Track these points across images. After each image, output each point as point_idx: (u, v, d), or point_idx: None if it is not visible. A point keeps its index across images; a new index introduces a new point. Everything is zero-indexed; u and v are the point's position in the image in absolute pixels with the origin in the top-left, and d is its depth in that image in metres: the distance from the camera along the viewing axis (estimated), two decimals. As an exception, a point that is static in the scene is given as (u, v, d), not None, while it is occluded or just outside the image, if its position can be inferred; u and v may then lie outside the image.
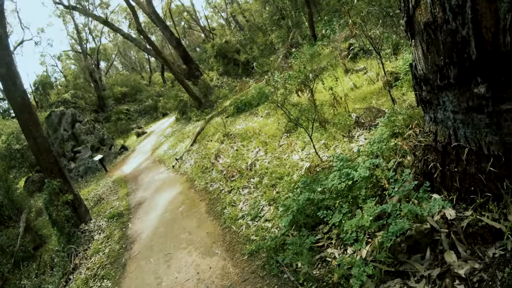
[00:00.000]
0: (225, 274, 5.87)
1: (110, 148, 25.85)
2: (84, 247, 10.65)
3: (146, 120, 39.74)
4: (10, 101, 12.59)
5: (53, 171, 11.90)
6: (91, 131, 25.22)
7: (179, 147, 17.15)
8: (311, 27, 19.86)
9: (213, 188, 9.77)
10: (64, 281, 9.44)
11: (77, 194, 12.54)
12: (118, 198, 14.13)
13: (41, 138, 12.03)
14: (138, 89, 48.13)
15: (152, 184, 13.76)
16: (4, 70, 11.79)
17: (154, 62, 67.88)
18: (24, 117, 12.01)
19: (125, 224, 10.89)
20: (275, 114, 12.23)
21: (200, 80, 25.43)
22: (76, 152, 23.56)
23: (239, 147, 11.44)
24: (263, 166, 9.02)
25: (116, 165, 22.54)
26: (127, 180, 16.74)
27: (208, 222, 8.02)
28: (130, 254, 8.64)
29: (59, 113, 24.64)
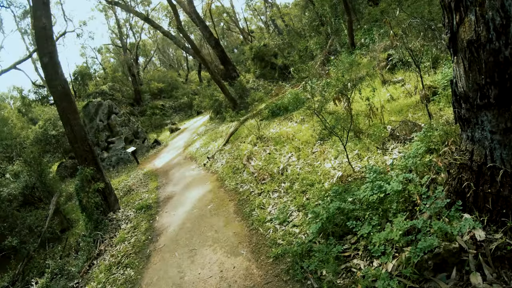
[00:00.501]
0: (249, 275, 5.96)
1: (143, 141, 26.35)
2: (110, 234, 10.95)
3: (180, 117, 40.23)
4: (50, 89, 13.01)
5: (87, 159, 12.26)
6: (126, 124, 25.76)
7: (212, 146, 17.36)
8: (350, 35, 19.73)
9: (243, 189, 9.86)
10: (87, 265, 9.78)
11: (108, 183, 12.88)
12: (147, 190, 14.43)
13: (78, 126, 12.42)
14: (174, 86, 48.90)
15: (182, 180, 14.00)
16: (47, 59, 12.32)
17: (192, 61, 68.50)
18: (63, 105, 12.43)
19: (152, 216, 11.14)
20: (310, 121, 12.25)
21: (237, 82, 25.55)
22: (110, 142, 24.11)
23: (272, 150, 11.49)
24: (295, 172, 9.06)
25: (148, 158, 22.99)
26: (158, 174, 17.07)
27: (235, 222, 8.11)
28: (155, 246, 8.84)
29: (97, 103, 25.29)
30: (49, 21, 12.63)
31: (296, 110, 14.71)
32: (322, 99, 9.65)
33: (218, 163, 13.80)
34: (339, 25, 22.78)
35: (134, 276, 7.87)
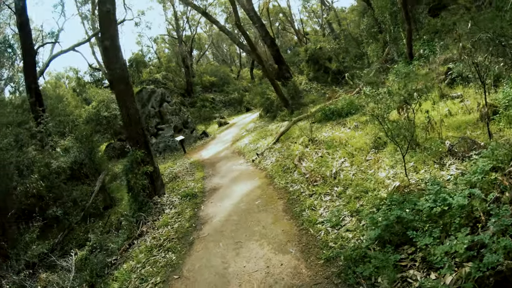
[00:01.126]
0: (297, 273, 5.81)
1: (192, 131, 26.70)
2: (154, 217, 11.06)
3: (229, 112, 40.52)
4: (109, 72, 13.40)
5: (139, 142, 12.46)
6: (176, 113, 26.17)
7: (261, 143, 17.29)
8: (409, 45, 19.14)
9: (294, 189, 9.70)
10: (127, 244, 9.95)
11: (157, 167, 13.06)
12: (193, 179, 14.52)
13: (133, 109, 12.63)
14: (226, 81, 49.36)
15: (230, 173, 14.00)
16: (108, 43, 12.62)
17: (245, 58, 68.98)
18: (120, 88, 12.73)
19: (197, 205, 11.16)
20: (364, 128, 12.01)
21: (290, 82, 25.33)
22: (159, 129, 24.54)
23: (324, 154, 11.31)
24: (348, 177, 8.86)
25: (195, 148, 23.25)
26: (205, 164, 17.18)
27: (284, 221, 7.98)
28: (199, 234, 8.83)
29: (150, 90, 25.83)
30: (113, 6, 12.91)
31: (350, 116, 14.52)
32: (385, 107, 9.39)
33: (267, 160, 13.71)
34: (398, 34, 22.19)
35: (175, 260, 7.87)
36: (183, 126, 26.26)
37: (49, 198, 15.19)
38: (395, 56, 21.08)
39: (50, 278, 9.08)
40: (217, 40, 66.22)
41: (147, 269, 7.96)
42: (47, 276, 9.20)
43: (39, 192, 14.52)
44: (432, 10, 22.22)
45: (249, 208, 9.40)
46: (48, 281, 8.98)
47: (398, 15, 21.80)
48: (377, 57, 23.13)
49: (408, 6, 19.20)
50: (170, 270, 7.53)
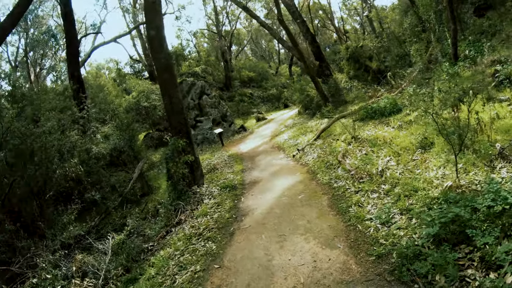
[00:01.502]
0: (346, 269, 5.57)
1: (230, 125, 26.67)
2: (192, 206, 10.98)
3: (267, 108, 40.44)
4: (154, 61, 13.53)
5: (181, 131, 12.43)
6: (215, 106, 26.19)
7: (301, 139, 17.06)
8: (454, 45, 18.32)
9: (338, 185, 9.42)
10: (164, 231, 9.94)
11: (197, 157, 13.05)
12: (232, 172, 14.42)
13: (176, 98, 12.68)
14: (264, 77, 49.23)
15: (270, 167, 13.84)
16: (154, 33, 12.74)
17: (283, 54, 68.59)
18: (165, 77, 12.81)
19: (237, 197, 11.02)
20: (409, 128, 11.64)
21: (331, 79, 25.02)
22: (198, 121, 24.61)
23: (368, 151, 11.00)
24: (394, 176, 8.53)
25: (233, 142, 23.23)
26: (243, 158, 17.10)
27: (330, 216, 7.74)
28: (240, 226, 8.68)
29: (190, 82, 25.97)
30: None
31: (393, 115, 14.14)
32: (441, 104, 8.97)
33: (308, 156, 13.45)
34: (442, 33, 21.42)
35: (215, 250, 7.74)
36: (221, 119, 26.26)
37: (87, 182, 15.42)
38: (438, 57, 20.33)
39: (85, 259, 9.10)
40: (256, 36, 66.14)
41: (186, 257, 7.85)
42: (82, 257, 9.22)
43: (78, 176, 14.71)
44: (477, 10, 21.10)
45: (292, 202, 9.18)
46: (83, 262, 8.99)
47: (443, 14, 21.10)
48: (420, 57, 22.42)
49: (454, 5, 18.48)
50: (210, 259, 7.39)
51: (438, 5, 21.41)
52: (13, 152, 12.37)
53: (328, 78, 25.61)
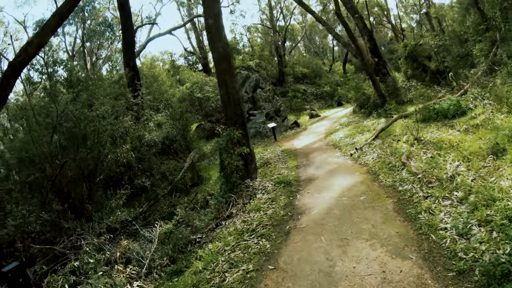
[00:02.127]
0: (421, 284, 4.89)
1: (283, 120, 26.16)
2: (244, 200, 10.54)
3: (320, 105, 39.82)
4: (212, 50, 13.04)
5: (237, 123, 12.03)
6: (269, 100, 25.71)
7: (358, 138, 16.31)
8: None
9: (404, 188, 8.66)
10: (214, 224, 9.55)
11: (252, 150, 12.59)
12: (286, 167, 13.87)
13: (233, 89, 12.25)
14: (318, 74, 48.68)
15: (326, 165, 13.17)
16: (212, 21, 12.35)
17: (337, 52, 68.81)
18: (222, 67, 12.40)
19: (293, 193, 10.44)
20: (476, 132, 10.65)
21: (390, 78, 24.16)
22: (251, 114, 24.20)
23: (434, 154, 10.17)
24: (466, 183, 7.70)
25: (286, 137, 22.68)
26: (297, 154, 16.50)
27: (397, 222, 7.02)
28: (296, 225, 8.10)
29: (245, 75, 25.56)
30: (217, -15, 12.71)
31: (457, 118, 13.18)
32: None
33: (367, 156, 12.69)
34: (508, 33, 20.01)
35: (270, 249, 7.20)
36: (275, 114, 25.76)
37: (138, 169, 15.34)
38: (504, 58, 18.97)
39: (130, 245, 8.91)
40: (310, 32, 65.84)
41: (237, 253, 7.39)
42: (128, 243, 9.01)
43: (129, 162, 14.66)
44: None
45: (353, 204, 8.49)
46: (128, 248, 8.80)
47: (509, 12, 19.74)
48: (485, 57, 21.04)
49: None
50: (264, 259, 6.87)
51: (504, 2, 20.06)
52: (67, 135, 12.41)
53: (385, 76, 24.95)
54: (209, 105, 26.28)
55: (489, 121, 10.56)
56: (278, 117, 25.87)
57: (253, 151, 12.87)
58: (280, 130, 24.70)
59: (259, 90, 25.48)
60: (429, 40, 28.71)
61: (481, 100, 13.40)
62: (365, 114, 23.64)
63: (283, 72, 44.35)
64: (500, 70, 16.69)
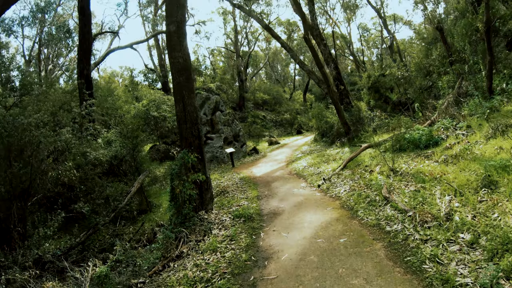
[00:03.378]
0: None
1: (242, 146, 24.66)
2: (198, 237, 8.81)
3: (279, 132, 39.03)
4: (171, 60, 11.25)
5: (193, 145, 10.34)
6: (229, 124, 24.20)
7: (323, 167, 15.03)
8: (489, 78, 16.59)
9: (392, 228, 7.19)
10: (160, 265, 7.74)
11: (209, 177, 10.85)
12: (246, 198, 12.22)
13: (191, 106, 10.60)
14: (278, 101, 48.26)
15: (291, 197, 11.59)
16: (174, 28, 10.88)
17: (298, 81, 69.61)
18: (180, 80, 10.73)
19: (255, 231, 8.74)
20: (457, 163, 9.69)
21: (355, 107, 23.43)
22: (208, 138, 22.62)
23: (418, 187, 8.88)
24: (466, 221, 6.41)
25: (244, 164, 21.08)
26: (257, 182, 14.94)
27: (396, 275, 5.42)
28: (263, 274, 6.37)
29: (204, 96, 24.04)
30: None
31: (430, 148, 12.51)
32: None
33: (338, 187, 11.29)
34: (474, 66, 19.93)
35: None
36: (233, 138, 24.20)
37: (79, 190, 13.27)
38: (470, 89, 18.62)
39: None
40: (273, 60, 65.95)
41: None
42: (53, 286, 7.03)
43: (70, 182, 12.61)
44: (510, 44, 19.99)
45: (333, 248, 6.86)
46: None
47: (478, 45, 19.71)
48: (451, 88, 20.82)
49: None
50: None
51: (473, 36, 20.29)
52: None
53: (348, 105, 24.34)
54: (165, 126, 24.75)
55: (467, 152, 10.00)
56: (237, 142, 24.31)
57: (210, 178, 11.15)
58: (238, 156, 23.16)
59: (218, 113, 23.89)
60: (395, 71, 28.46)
61: (453, 130, 13.16)
62: (327, 143, 22.92)
63: (244, 97, 43.34)
64: (467, 102, 16.97)
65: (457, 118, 15.07)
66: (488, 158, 8.99)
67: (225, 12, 48.45)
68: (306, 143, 26.39)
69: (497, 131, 10.68)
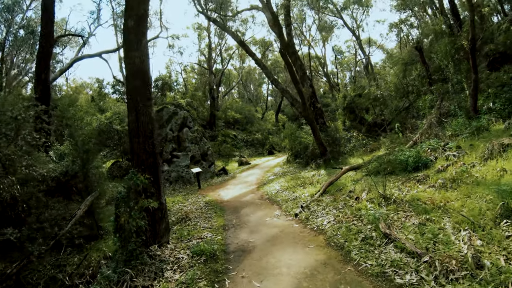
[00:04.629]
0: None
1: (210, 166, 22.59)
2: (146, 281, 6.76)
3: (250, 152, 37.29)
4: (126, 61, 9.13)
5: (146, 163, 8.31)
6: (197, 141, 22.15)
7: (299, 192, 13.20)
8: (474, 97, 16.00)
9: (406, 280, 5.25)
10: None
11: (164, 204, 8.72)
12: (210, 228, 10.17)
13: (146, 116, 8.54)
14: (250, 120, 46.83)
15: (263, 228, 9.58)
16: (132, 23, 8.86)
17: (270, 102, 69.23)
18: (135, 84, 8.70)
19: (218, 276, 6.70)
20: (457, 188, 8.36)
21: (332, 126, 21.89)
22: (174, 156, 20.51)
23: (423, 220, 7.16)
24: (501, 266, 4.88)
25: (212, 185, 18.99)
26: (224, 208, 12.91)
27: None
28: None
29: (172, 111, 22.04)
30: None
31: (421, 170, 11.23)
32: None
33: (320, 218, 9.40)
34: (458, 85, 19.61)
35: None
36: (201, 157, 22.09)
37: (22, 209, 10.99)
38: (452, 109, 18.11)
39: None
40: (246, 79, 64.96)
41: None
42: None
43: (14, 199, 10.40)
44: (491, 64, 19.60)
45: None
46: None
47: (462, 64, 19.39)
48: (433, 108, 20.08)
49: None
50: None
51: (455, 54, 19.80)
52: None
53: (323, 126, 22.89)
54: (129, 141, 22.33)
55: (465, 175, 8.82)
56: (205, 162, 22.23)
57: (165, 205, 9.02)
58: (205, 176, 21.09)
59: (186, 129, 21.81)
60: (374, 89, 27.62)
61: (442, 151, 12.10)
62: (301, 164, 21.37)
63: (215, 115, 41.55)
64: (449, 122, 16.65)
65: (442, 138, 14.20)
66: (492, 181, 7.89)
67: (200, 28, 47.17)
68: (278, 164, 24.72)
69: (493, 152, 9.74)
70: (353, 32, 43.26)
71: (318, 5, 43.03)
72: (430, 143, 13.25)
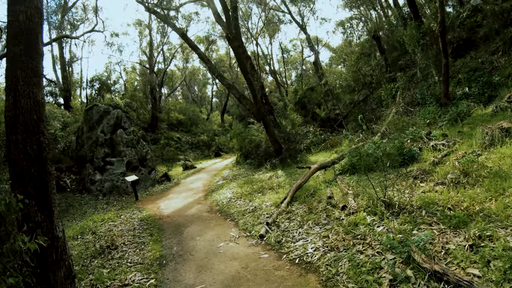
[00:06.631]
0: None
1: (150, 172, 19.17)
2: None
3: (196, 155, 34.28)
4: (8, 19, 5.56)
5: (28, 174, 4.97)
6: (133, 145, 18.72)
7: (258, 200, 10.41)
8: (445, 83, 14.87)
9: None
10: None
11: (61, 237, 5.29)
12: (142, 263, 6.94)
13: (30, 99, 5.15)
14: (194, 122, 43.74)
15: (217, 263, 6.42)
16: None
17: (215, 103, 67.13)
18: (16, 52, 5.29)
19: None
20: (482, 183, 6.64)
21: (287, 120, 19.78)
22: (107, 162, 17.04)
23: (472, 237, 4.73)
24: None
25: (151, 195, 15.68)
26: (164, 226, 9.79)
27: None
28: None
29: (103, 110, 18.51)
30: None
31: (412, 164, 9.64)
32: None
33: (300, 241, 6.47)
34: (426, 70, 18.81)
35: None
36: (139, 163, 18.66)
37: None
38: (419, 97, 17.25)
39: None
40: (189, 80, 62.11)
41: None
42: None
43: None
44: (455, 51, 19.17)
45: None
46: None
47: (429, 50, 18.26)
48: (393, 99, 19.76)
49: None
50: None
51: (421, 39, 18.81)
52: None
53: (274, 122, 21.04)
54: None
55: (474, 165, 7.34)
56: (144, 168, 18.84)
57: (64, 241, 5.44)
58: (145, 185, 17.77)
59: (120, 131, 18.34)
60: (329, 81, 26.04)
61: (427, 141, 11.01)
62: (253, 165, 19.03)
63: (157, 117, 37.94)
64: (417, 110, 16.19)
65: (417, 127, 12.85)
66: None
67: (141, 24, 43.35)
68: (227, 167, 22.07)
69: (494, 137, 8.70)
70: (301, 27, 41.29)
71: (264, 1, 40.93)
72: (411, 132, 11.86)
